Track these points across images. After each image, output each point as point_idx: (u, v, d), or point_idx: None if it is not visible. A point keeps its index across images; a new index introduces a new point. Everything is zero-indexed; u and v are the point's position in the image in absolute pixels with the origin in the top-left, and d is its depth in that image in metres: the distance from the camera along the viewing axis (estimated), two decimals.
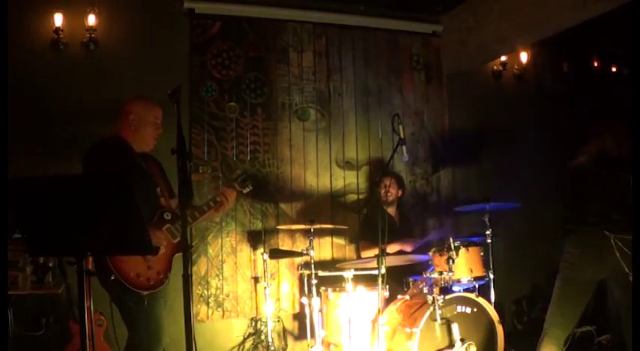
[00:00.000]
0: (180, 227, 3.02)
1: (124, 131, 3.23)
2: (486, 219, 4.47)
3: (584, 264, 3.38)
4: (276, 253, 4.79)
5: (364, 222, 4.98)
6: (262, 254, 4.78)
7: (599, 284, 3.62)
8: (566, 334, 3.46)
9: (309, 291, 4.26)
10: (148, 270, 3.01)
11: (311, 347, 4.25)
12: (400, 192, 5.04)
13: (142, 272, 2.98)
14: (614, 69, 6.47)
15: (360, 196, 5.42)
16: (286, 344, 5.04)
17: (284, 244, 5.12)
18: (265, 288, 4.65)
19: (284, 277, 5.10)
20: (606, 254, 3.29)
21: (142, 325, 3.02)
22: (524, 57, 6.06)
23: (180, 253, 3.04)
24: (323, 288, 4.30)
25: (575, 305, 3.44)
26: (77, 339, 3.82)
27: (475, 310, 4.00)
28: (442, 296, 3.88)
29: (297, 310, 5.08)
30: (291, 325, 5.10)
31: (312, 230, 4.31)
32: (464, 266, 4.22)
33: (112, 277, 2.89)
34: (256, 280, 5.00)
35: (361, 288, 4.18)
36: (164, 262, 3.09)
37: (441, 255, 4.19)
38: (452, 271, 4.09)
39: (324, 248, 5.24)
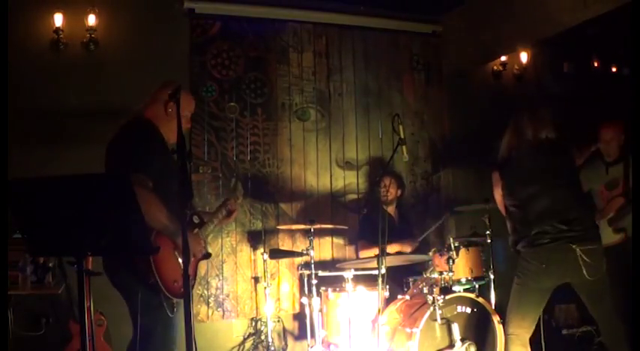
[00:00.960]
0: (190, 230, 2.85)
1: (157, 117, 2.95)
2: (486, 219, 4.47)
3: (546, 276, 3.36)
4: (276, 253, 4.79)
5: (363, 221, 4.98)
6: (262, 254, 4.79)
7: None
8: (529, 335, 3.47)
9: (309, 291, 4.26)
10: (181, 276, 2.75)
11: (311, 347, 4.25)
12: (400, 192, 5.04)
13: (178, 278, 2.77)
14: (614, 69, 6.47)
15: (360, 196, 5.42)
16: (286, 344, 5.04)
17: (284, 244, 5.12)
18: (265, 288, 4.65)
19: (284, 277, 5.10)
20: (570, 265, 3.28)
21: (165, 334, 2.81)
22: (524, 57, 6.06)
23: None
24: (323, 288, 4.30)
25: (537, 309, 3.45)
26: (77, 339, 3.82)
27: (475, 310, 4.00)
28: (442, 296, 3.88)
29: (297, 310, 5.08)
30: (291, 325, 5.11)
31: (312, 230, 4.31)
32: (464, 266, 4.22)
33: (151, 281, 2.68)
34: (256, 280, 5.00)
35: (361, 288, 4.18)
36: (193, 268, 2.95)
37: (441, 255, 4.19)
38: (452, 271, 4.09)
39: (324, 248, 5.24)
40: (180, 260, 2.81)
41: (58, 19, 4.51)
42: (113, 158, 2.87)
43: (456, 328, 3.84)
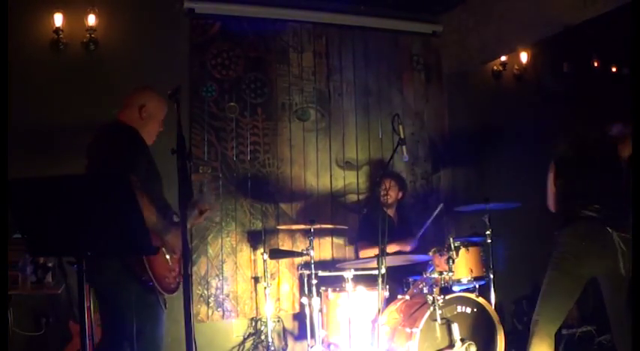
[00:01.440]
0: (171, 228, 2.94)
1: (133, 121, 3.04)
2: (486, 219, 4.47)
3: (584, 257, 3.33)
4: (276, 253, 4.79)
5: (363, 223, 4.98)
6: (262, 254, 4.78)
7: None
8: (557, 328, 3.44)
9: (309, 291, 4.26)
10: (170, 273, 2.94)
11: (311, 347, 4.25)
12: (401, 194, 5.02)
13: (168, 275, 2.90)
14: (614, 69, 6.47)
15: (360, 196, 5.42)
16: (286, 344, 5.04)
17: (284, 244, 5.12)
18: (265, 288, 4.65)
19: (284, 277, 5.10)
20: (606, 251, 3.26)
21: (157, 329, 2.91)
22: (524, 57, 6.06)
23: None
24: (323, 288, 4.29)
25: (569, 299, 3.40)
26: (77, 339, 3.82)
27: (475, 310, 4.00)
28: (442, 296, 3.88)
29: (297, 310, 5.08)
30: (291, 325, 5.11)
31: (312, 230, 4.31)
32: (464, 266, 4.22)
33: (149, 283, 2.76)
34: (256, 280, 5.00)
35: (361, 288, 4.18)
36: (179, 266, 3.02)
37: (441, 255, 4.19)
38: (452, 271, 4.09)
39: (324, 248, 5.24)
40: (167, 257, 2.95)
41: (58, 19, 4.51)
42: (95, 160, 2.94)
43: (456, 328, 3.84)
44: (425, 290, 4.06)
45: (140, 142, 2.99)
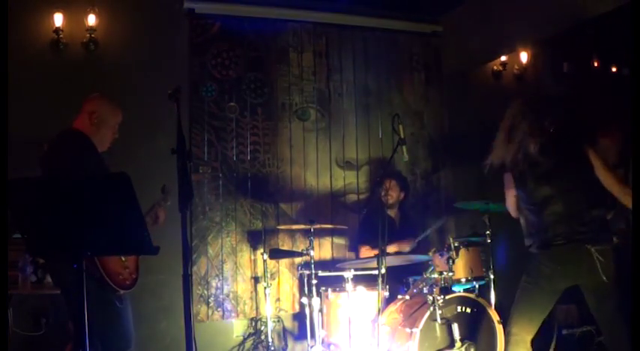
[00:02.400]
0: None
1: (85, 128, 3.16)
2: (486, 219, 4.47)
3: (561, 277, 3.34)
4: (276, 253, 4.79)
5: (363, 223, 4.97)
6: (262, 254, 4.78)
7: None
8: (532, 337, 3.45)
9: (309, 291, 4.26)
10: (125, 270, 3.06)
11: (311, 347, 4.25)
12: (402, 194, 4.99)
13: (122, 272, 3.03)
14: (614, 69, 6.47)
15: (360, 196, 5.42)
16: (286, 344, 5.04)
17: (284, 244, 5.12)
18: (265, 288, 4.65)
19: (284, 277, 5.10)
20: (585, 266, 3.26)
21: (119, 325, 3.03)
22: (524, 57, 6.06)
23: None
24: (323, 288, 4.29)
25: (544, 312, 3.41)
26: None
27: (475, 310, 4.00)
28: (442, 296, 3.88)
29: (297, 310, 5.08)
30: (291, 325, 5.11)
31: (312, 230, 4.31)
32: (464, 266, 4.22)
33: (97, 275, 2.89)
34: (256, 280, 5.00)
35: (361, 288, 4.18)
36: (134, 263, 3.14)
37: (441, 255, 4.19)
38: (452, 271, 4.09)
39: (324, 248, 5.24)
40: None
41: (58, 19, 4.51)
42: (47, 169, 3.02)
43: (456, 328, 3.84)
44: (425, 290, 4.06)
45: (89, 148, 3.09)
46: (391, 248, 4.58)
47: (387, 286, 4.00)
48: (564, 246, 3.28)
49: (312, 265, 4.25)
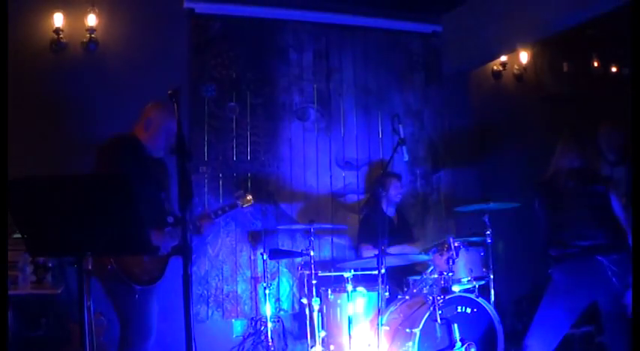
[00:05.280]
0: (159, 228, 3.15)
1: (140, 132, 3.31)
2: (486, 219, 4.47)
3: (577, 290, 3.38)
4: (276, 253, 4.79)
5: (364, 224, 4.96)
6: (262, 254, 4.78)
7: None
8: None
9: (309, 291, 4.26)
10: (139, 266, 3.10)
11: (311, 347, 4.25)
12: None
13: (134, 266, 3.07)
14: (614, 69, 6.47)
15: (360, 196, 5.41)
16: (286, 344, 5.04)
17: (284, 244, 5.12)
18: (265, 288, 4.65)
19: (284, 277, 5.10)
20: (599, 279, 3.29)
21: (137, 316, 3.12)
22: (524, 57, 6.06)
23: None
24: (323, 288, 4.29)
25: (560, 332, 3.45)
26: (77, 339, 3.81)
27: (475, 310, 3.99)
28: (442, 296, 3.88)
29: (297, 310, 5.08)
30: (291, 325, 5.10)
31: (312, 230, 4.31)
32: (464, 266, 4.21)
33: (109, 267, 2.97)
34: (256, 280, 5.00)
35: (361, 288, 4.18)
36: (155, 262, 3.17)
37: (441, 255, 4.19)
38: (452, 271, 4.08)
39: (324, 248, 5.24)
40: None
41: (58, 19, 4.51)
42: (96, 171, 3.17)
43: (456, 328, 3.84)
44: (425, 290, 4.06)
45: (139, 152, 3.25)
46: (393, 250, 4.58)
47: (387, 286, 4.00)
48: (578, 255, 3.32)
49: (312, 265, 4.25)
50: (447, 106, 5.81)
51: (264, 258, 4.67)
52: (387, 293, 4.07)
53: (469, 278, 4.21)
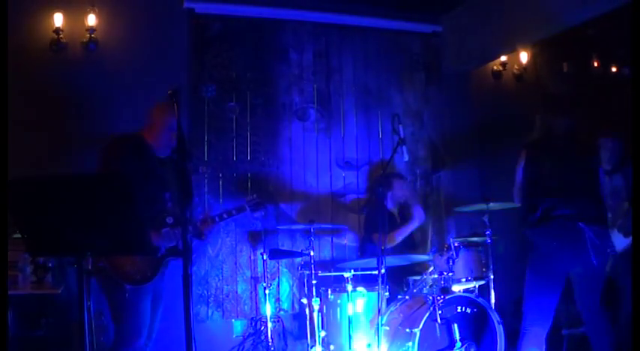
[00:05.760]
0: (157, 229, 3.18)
1: (146, 133, 3.36)
2: (486, 219, 4.47)
3: (559, 255, 3.36)
4: (276, 253, 4.79)
5: (368, 218, 4.96)
6: (262, 254, 4.78)
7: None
8: (545, 332, 3.43)
9: (309, 291, 4.26)
10: (131, 265, 3.11)
11: (311, 347, 4.25)
12: None
13: (126, 265, 3.10)
14: (614, 69, 6.47)
15: (360, 196, 5.41)
16: (286, 344, 5.04)
17: (284, 244, 5.12)
18: (265, 288, 4.65)
19: (284, 277, 5.10)
20: (578, 245, 3.28)
21: (128, 315, 3.14)
22: (524, 57, 6.06)
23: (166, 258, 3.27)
24: (323, 288, 4.29)
25: (551, 299, 3.42)
26: (77, 339, 3.81)
27: (475, 310, 4.00)
28: (442, 296, 3.88)
29: (297, 310, 5.08)
30: (291, 325, 5.10)
31: (312, 230, 4.31)
32: (464, 266, 4.21)
33: (99, 264, 3.01)
34: (256, 280, 5.00)
35: (361, 288, 4.18)
36: (148, 261, 3.18)
37: (441, 255, 4.19)
38: (452, 271, 4.09)
39: (324, 248, 5.24)
40: None
41: (58, 19, 4.51)
42: (101, 169, 3.20)
43: (456, 328, 3.84)
44: (425, 290, 4.06)
45: (144, 152, 3.28)
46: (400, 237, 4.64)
47: (387, 286, 4.00)
48: (561, 220, 3.31)
49: (312, 265, 4.25)
50: (447, 106, 5.81)
51: (264, 258, 4.68)
52: (387, 293, 4.08)
53: (469, 278, 4.21)
